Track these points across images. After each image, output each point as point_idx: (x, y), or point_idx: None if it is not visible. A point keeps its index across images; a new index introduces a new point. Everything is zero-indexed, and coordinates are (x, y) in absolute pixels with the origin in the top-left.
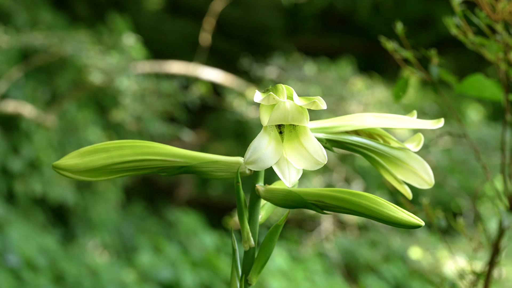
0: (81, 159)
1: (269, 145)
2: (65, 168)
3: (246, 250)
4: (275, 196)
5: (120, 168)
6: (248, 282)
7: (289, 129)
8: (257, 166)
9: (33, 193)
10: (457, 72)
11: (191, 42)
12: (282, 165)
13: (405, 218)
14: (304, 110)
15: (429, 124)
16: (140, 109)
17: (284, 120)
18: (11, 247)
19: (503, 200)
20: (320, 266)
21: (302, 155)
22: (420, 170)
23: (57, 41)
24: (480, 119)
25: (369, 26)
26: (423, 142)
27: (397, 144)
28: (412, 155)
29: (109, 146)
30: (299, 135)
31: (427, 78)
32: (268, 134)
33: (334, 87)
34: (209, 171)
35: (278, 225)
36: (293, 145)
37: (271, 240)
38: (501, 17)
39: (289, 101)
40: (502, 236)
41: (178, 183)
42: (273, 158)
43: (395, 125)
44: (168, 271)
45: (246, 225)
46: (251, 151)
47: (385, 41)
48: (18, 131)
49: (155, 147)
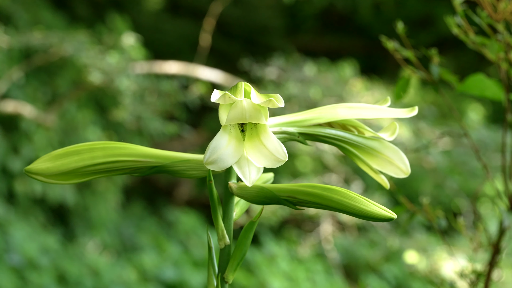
0: (53, 163)
1: (229, 144)
2: (37, 172)
3: (221, 247)
4: (248, 193)
5: (92, 171)
6: (225, 279)
7: (251, 127)
8: (217, 166)
9: (33, 193)
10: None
11: (191, 42)
12: (242, 164)
13: (376, 211)
14: (262, 108)
15: (402, 113)
16: (140, 109)
17: (242, 118)
18: (14, 246)
19: (504, 200)
20: (321, 267)
21: (263, 153)
22: (396, 159)
23: (57, 41)
24: (480, 120)
25: (369, 26)
26: (397, 131)
27: (371, 134)
28: (387, 145)
29: (80, 148)
30: (259, 133)
31: (428, 77)
32: (228, 133)
33: (334, 88)
34: (181, 170)
35: (252, 222)
36: (254, 143)
37: (246, 237)
38: (502, 16)
39: (246, 100)
40: (502, 236)
41: (178, 183)
42: (233, 157)
43: (367, 115)
44: (171, 270)
45: (220, 223)
46: (210, 151)
47: (385, 40)
48: (18, 131)
49: (126, 148)
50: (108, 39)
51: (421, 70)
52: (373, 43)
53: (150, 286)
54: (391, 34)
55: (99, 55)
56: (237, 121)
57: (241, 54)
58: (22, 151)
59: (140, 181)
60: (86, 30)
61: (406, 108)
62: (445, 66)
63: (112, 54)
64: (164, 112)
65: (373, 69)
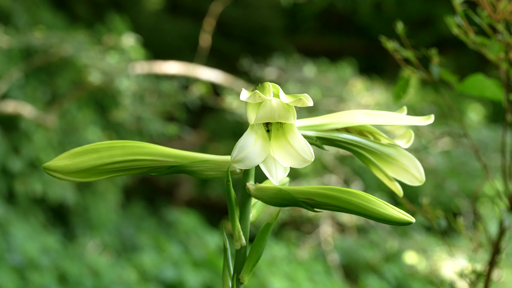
0: (72, 160)
1: (256, 143)
2: (56, 169)
3: (237, 249)
4: (266, 194)
5: (110, 169)
6: (240, 281)
7: (276, 127)
8: (244, 164)
9: (33, 193)
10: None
11: (191, 42)
12: (269, 164)
13: (395, 215)
14: (290, 108)
15: (419, 120)
16: (140, 109)
17: (271, 118)
18: (14, 246)
19: (504, 200)
20: (321, 267)
21: (289, 153)
22: (411, 167)
23: (57, 41)
24: (480, 120)
25: (369, 26)
26: (413, 139)
27: (387, 141)
28: (403, 152)
29: (99, 146)
30: (286, 133)
31: (428, 77)
32: (255, 132)
33: (334, 88)
34: (199, 171)
35: (269, 224)
36: (280, 143)
37: (263, 238)
38: (502, 16)
39: (275, 99)
40: (502, 236)
41: (178, 183)
42: (260, 156)
43: (385, 122)
44: (171, 271)
45: (237, 224)
46: (237, 150)
47: (385, 41)
48: (18, 131)
49: (145, 147)
50: (108, 39)
51: (421, 70)
52: (373, 43)
53: (150, 286)
54: (391, 34)
55: (99, 55)
56: (266, 120)
57: (241, 54)
58: (22, 151)
59: (140, 181)
60: (86, 30)
61: (423, 116)
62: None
63: (112, 55)
64: (164, 113)
65: (373, 69)
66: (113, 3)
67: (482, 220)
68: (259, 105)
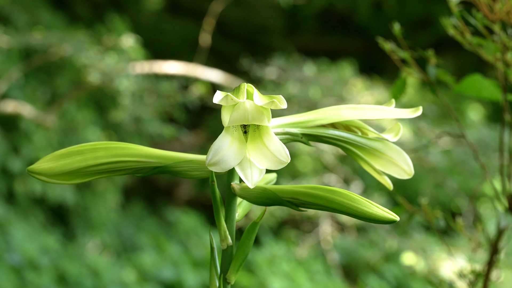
0: (56, 163)
1: (231, 146)
2: (40, 172)
3: (223, 248)
4: (251, 194)
5: (94, 171)
6: (227, 280)
7: (253, 128)
8: (219, 167)
9: (33, 193)
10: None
11: (191, 42)
12: (244, 166)
13: (379, 214)
14: (265, 110)
15: (407, 113)
16: (139, 110)
17: (244, 120)
18: (14, 246)
19: (502, 200)
20: (321, 267)
21: (265, 155)
22: (399, 160)
23: (57, 41)
24: (480, 119)
25: (369, 26)
26: (401, 132)
27: (374, 135)
28: (391, 146)
29: (83, 148)
30: (261, 135)
31: (425, 78)
32: (230, 134)
33: (334, 88)
34: (183, 171)
35: (255, 223)
36: (256, 145)
37: (249, 238)
38: (498, 17)
39: (249, 101)
40: (501, 236)
41: (178, 183)
42: (236, 159)
43: (371, 116)
44: (170, 270)
45: (222, 224)
46: (212, 153)
47: (382, 41)
48: (18, 131)
49: (129, 148)
50: (107, 40)
51: (419, 71)
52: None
53: (149, 286)
54: (391, 35)
55: (98, 56)
56: (240, 123)
57: (241, 54)
58: (22, 151)
59: (140, 181)
60: (86, 31)
61: (410, 109)
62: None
63: (111, 55)
64: (163, 113)
65: (372, 69)
66: (113, 3)
67: (481, 220)
68: (234, 107)
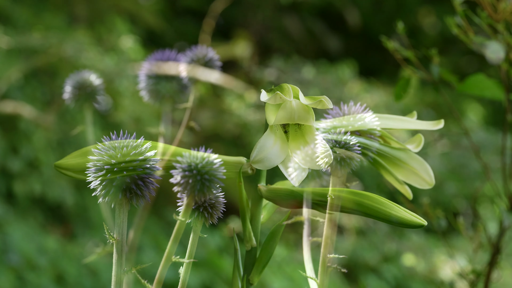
0: (84, 159)
1: (275, 144)
2: (67, 167)
3: (248, 250)
4: (278, 195)
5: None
6: (250, 282)
7: (294, 128)
8: (263, 165)
9: (32, 193)
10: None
11: (191, 42)
12: (288, 164)
13: (408, 218)
14: (310, 109)
15: (429, 125)
16: (139, 110)
17: (290, 119)
18: (12, 246)
19: (504, 200)
20: None
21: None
22: (421, 170)
23: (57, 41)
24: (478, 121)
25: (369, 26)
26: (423, 143)
27: (397, 145)
28: (413, 156)
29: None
30: (304, 134)
31: (428, 77)
32: (273, 133)
33: (333, 90)
34: None
35: (280, 225)
36: (299, 144)
37: (273, 239)
38: (503, 17)
39: (295, 100)
40: (502, 237)
41: None
42: (279, 157)
43: (395, 126)
44: (170, 271)
45: (248, 225)
46: (257, 150)
47: (385, 40)
48: (17, 131)
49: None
50: (107, 40)
51: (421, 70)
52: (372, 44)
53: (149, 286)
54: (391, 35)
55: (98, 56)
56: (285, 121)
57: None
58: (21, 151)
59: None
60: (85, 31)
61: (432, 121)
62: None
63: (111, 55)
64: (163, 113)
65: (371, 70)
66: (113, 3)
67: (481, 220)
68: (278, 106)
